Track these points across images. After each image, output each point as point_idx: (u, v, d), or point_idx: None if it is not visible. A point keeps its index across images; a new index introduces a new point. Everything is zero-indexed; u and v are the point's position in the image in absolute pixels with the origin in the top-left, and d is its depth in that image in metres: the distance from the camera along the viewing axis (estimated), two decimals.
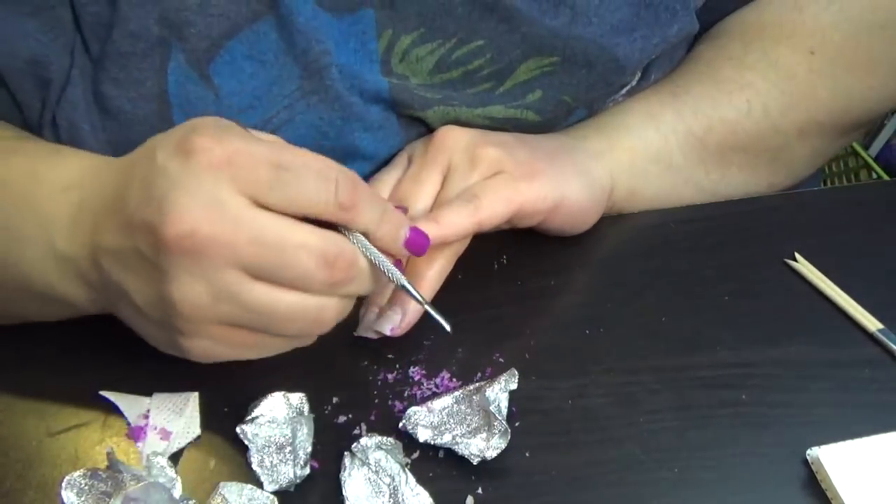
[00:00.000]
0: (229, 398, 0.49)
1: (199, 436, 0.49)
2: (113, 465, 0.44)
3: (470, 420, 0.48)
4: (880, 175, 1.30)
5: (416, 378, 0.51)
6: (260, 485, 0.45)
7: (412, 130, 0.58)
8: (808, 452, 0.47)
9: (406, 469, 0.45)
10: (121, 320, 0.49)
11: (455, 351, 0.53)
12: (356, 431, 0.49)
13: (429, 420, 0.48)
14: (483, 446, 0.46)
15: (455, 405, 0.48)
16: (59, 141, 0.52)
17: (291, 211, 0.41)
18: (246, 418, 0.47)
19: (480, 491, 0.46)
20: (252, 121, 0.53)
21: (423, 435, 0.47)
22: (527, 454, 0.48)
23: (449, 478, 0.47)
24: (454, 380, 0.51)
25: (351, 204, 0.42)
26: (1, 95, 0.52)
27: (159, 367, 0.49)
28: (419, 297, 0.47)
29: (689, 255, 0.59)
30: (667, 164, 0.61)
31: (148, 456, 0.45)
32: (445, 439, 0.47)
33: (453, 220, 0.51)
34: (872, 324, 0.53)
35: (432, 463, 0.47)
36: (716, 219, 0.61)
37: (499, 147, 0.55)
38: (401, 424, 0.48)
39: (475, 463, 0.46)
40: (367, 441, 0.46)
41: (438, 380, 0.51)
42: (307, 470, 0.46)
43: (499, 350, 0.53)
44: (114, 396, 0.50)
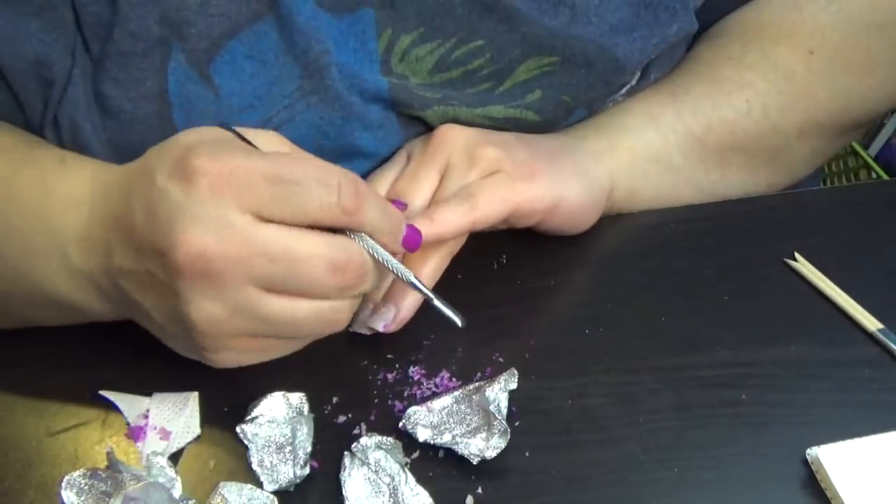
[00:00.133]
0: (229, 398, 0.49)
1: (199, 435, 0.49)
2: (113, 465, 0.44)
3: (470, 420, 0.48)
4: (880, 175, 1.30)
5: (416, 378, 0.51)
6: (260, 484, 0.45)
7: (412, 129, 0.58)
8: (808, 452, 0.47)
9: (406, 469, 0.45)
10: (121, 320, 0.49)
11: (455, 351, 0.53)
12: (356, 431, 0.49)
13: (428, 420, 0.48)
14: (483, 446, 0.46)
15: (455, 405, 0.48)
16: (61, 140, 0.52)
17: (296, 222, 0.41)
18: (246, 418, 0.47)
19: (480, 491, 0.46)
20: (252, 120, 0.53)
21: (423, 435, 0.47)
22: (526, 454, 0.48)
23: (449, 477, 0.47)
24: (454, 379, 0.51)
25: (355, 208, 0.42)
26: (3, 96, 0.52)
27: (159, 367, 0.49)
28: (430, 294, 0.47)
29: (689, 255, 0.59)
30: (666, 165, 0.61)
31: (148, 456, 0.45)
32: (445, 439, 0.47)
33: (449, 218, 0.51)
34: (872, 323, 0.53)
35: (432, 463, 0.47)
36: (715, 218, 0.61)
37: (498, 147, 0.55)
38: (400, 424, 0.48)
39: (475, 463, 0.46)
40: (367, 441, 0.46)
41: (438, 379, 0.51)
42: (307, 470, 0.46)
43: (498, 350, 0.53)
44: (113, 396, 0.50)
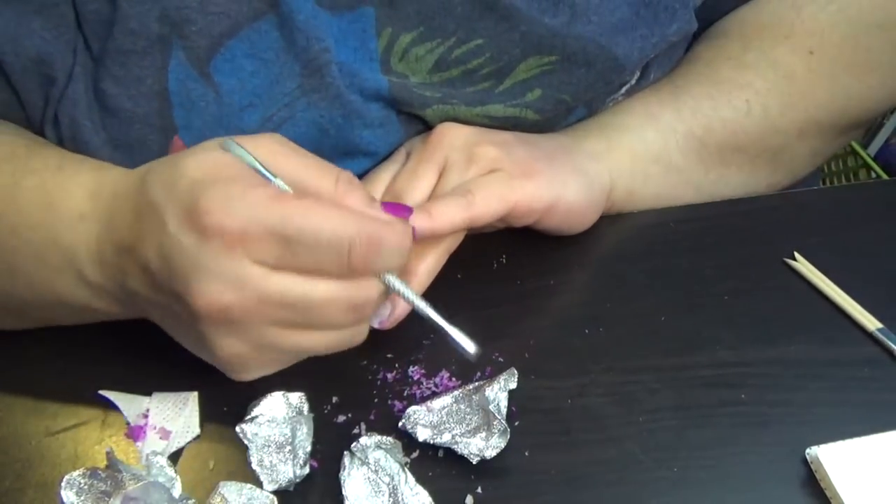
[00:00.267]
0: (229, 398, 0.49)
1: (199, 435, 0.49)
2: (112, 465, 0.44)
3: (469, 419, 0.48)
4: (879, 174, 1.30)
5: (416, 377, 0.51)
6: (259, 484, 0.45)
7: (412, 128, 0.58)
8: (808, 451, 0.47)
9: (405, 468, 0.45)
10: (121, 320, 0.49)
11: (454, 350, 0.52)
12: (356, 431, 0.49)
13: (428, 419, 0.48)
14: (482, 445, 0.46)
15: (454, 404, 0.48)
16: (61, 138, 0.52)
17: (307, 274, 0.42)
18: (245, 418, 0.47)
19: (480, 490, 0.46)
20: (253, 118, 0.53)
21: (423, 434, 0.47)
22: (526, 453, 0.48)
23: (448, 477, 0.47)
24: (454, 379, 0.51)
25: (364, 267, 0.42)
26: (4, 94, 0.52)
27: (159, 367, 0.49)
28: (446, 326, 0.46)
29: (689, 255, 0.59)
30: (666, 165, 0.61)
31: (147, 455, 0.45)
32: (445, 439, 0.47)
33: (446, 213, 0.51)
34: (872, 323, 0.53)
35: (432, 462, 0.47)
36: (715, 218, 0.61)
37: (496, 145, 0.55)
38: (400, 424, 0.48)
39: (474, 462, 0.46)
40: (367, 440, 0.46)
41: (438, 379, 0.51)
42: (307, 469, 0.46)
43: (498, 349, 0.53)
44: (113, 396, 0.50)
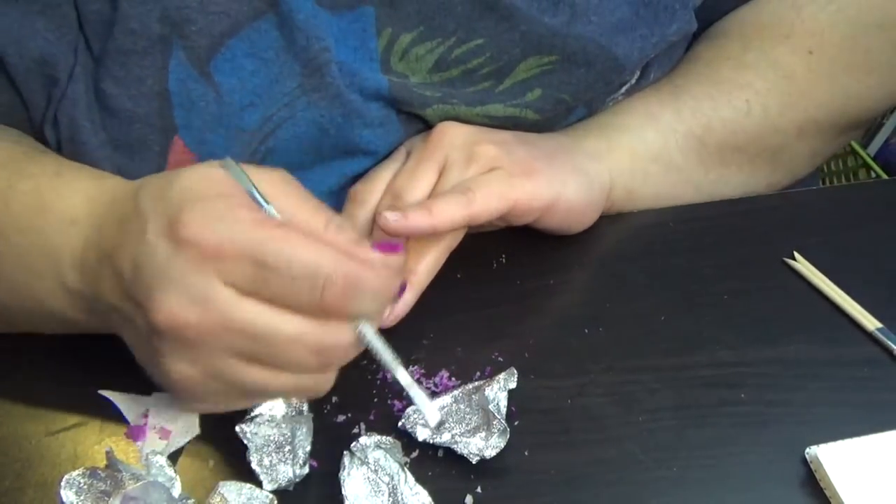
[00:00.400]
0: None
1: (198, 435, 0.49)
2: (112, 465, 0.44)
3: (469, 419, 0.48)
4: (879, 174, 1.30)
5: (416, 377, 0.51)
6: (259, 484, 0.45)
7: (413, 127, 0.58)
8: (807, 451, 0.47)
9: (405, 468, 0.45)
10: None
11: (454, 350, 0.53)
12: (355, 431, 0.49)
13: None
14: (482, 445, 0.46)
15: (454, 404, 0.48)
16: (59, 138, 0.52)
17: (279, 305, 0.39)
18: (245, 417, 0.47)
19: (479, 490, 0.46)
20: (253, 118, 0.53)
21: (423, 434, 0.47)
22: (526, 453, 0.48)
23: (448, 477, 0.47)
24: (453, 379, 0.51)
25: (341, 307, 0.39)
26: (7, 95, 0.52)
27: None
28: (412, 388, 0.44)
29: (689, 255, 0.59)
30: (666, 164, 0.61)
31: (147, 455, 0.45)
32: (444, 438, 0.47)
33: (446, 210, 0.51)
34: (871, 323, 0.53)
35: (431, 462, 0.47)
36: (715, 218, 0.61)
37: (496, 144, 0.55)
38: (400, 423, 0.48)
39: (474, 462, 0.46)
40: (367, 440, 0.46)
41: (437, 379, 0.51)
42: (306, 469, 0.46)
43: (498, 349, 0.53)
44: (113, 396, 0.50)
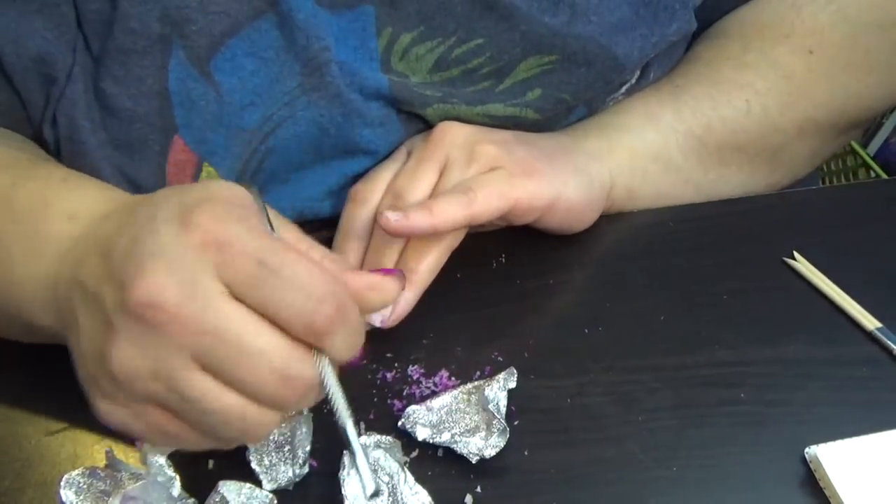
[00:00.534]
0: None
1: None
2: (112, 464, 0.44)
3: (469, 419, 0.48)
4: (878, 173, 1.30)
5: (415, 377, 0.51)
6: (259, 484, 0.45)
7: (413, 127, 0.58)
8: (807, 451, 0.47)
9: (405, 468, 0.45)
10: None
11: (454, 350, 0.53)
12: None
13: (428, 419, 0.48)
14: (482, 445, 0.46)
15: (454, 404, 0.48)
16: (58, 138, 0.52)
17: (264, 313, 0.37)
18: None
19: (479, 489, 0.46)
20: (253, 117, 0.53)
21: (422, 434, 0.47)
22: (525, 453, 0.48)
23: (448, 476, 0.47)
24: (453, 378, 0.51)
25: (324, 331, 0.37)
26: (5, 95, 0.52)
27: None
28: (357, 449, 0.40)
29: (688, 254, 0.59)
30: (666, 164, 0.61)
31: (147, 455, 0.45)
32: (444, 438, 0.47)
33: (447, 210, 0.51)
34: (871, 322, 0.53)
35: (431, 462, 0.47)
36: (714, 218, 0.61)
37: (497, 144, 0.55)
38: (400, 423, 0.48)
39: (474, 462, 0.46)
40: (366, 440, 0.46)
41: (437, 378, 0.51)
42: (306, 469, 0.46)
43: (498, 349, 0.53)
44: None
